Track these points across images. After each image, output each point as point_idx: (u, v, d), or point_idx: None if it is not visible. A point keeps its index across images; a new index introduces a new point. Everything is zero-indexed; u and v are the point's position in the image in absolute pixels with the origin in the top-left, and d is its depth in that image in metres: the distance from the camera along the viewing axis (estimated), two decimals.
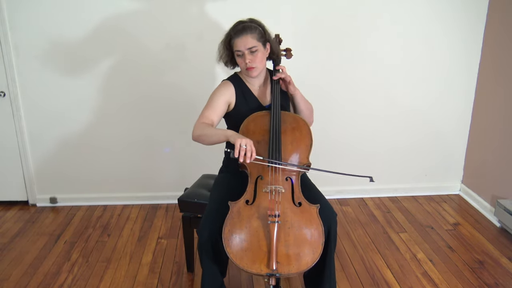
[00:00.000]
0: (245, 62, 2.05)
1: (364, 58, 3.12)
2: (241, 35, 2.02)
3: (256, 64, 2.06)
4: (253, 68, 2.06)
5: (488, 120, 3.15)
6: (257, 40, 2.04)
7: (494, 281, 2.42)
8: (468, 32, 3.13)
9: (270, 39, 2.13)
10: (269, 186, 1.90)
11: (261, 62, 2.09)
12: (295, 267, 1.74)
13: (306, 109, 2.23)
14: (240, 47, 2.03)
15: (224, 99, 2.12)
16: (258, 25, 2.08)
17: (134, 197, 3.33)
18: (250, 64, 2.05)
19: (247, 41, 2.02)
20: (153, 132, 3.18)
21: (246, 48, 2.02)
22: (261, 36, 2.06)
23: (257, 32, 2.05)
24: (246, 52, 2.03)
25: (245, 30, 2.03)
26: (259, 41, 2.05)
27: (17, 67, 2.99)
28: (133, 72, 3.04)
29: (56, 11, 2.87)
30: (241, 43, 2.02)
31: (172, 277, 2.47)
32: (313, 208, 1.87)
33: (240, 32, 2.03)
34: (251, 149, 1.80)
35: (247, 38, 2.02)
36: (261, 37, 2.07)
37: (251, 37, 2.02)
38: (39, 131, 3.14)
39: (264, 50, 2.10)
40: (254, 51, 2.04)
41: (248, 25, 2.06)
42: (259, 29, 2.06)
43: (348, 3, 2.99)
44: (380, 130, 3.30)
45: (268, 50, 2.13)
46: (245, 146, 1.80)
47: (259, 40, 2.05)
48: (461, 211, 3.21)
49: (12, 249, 2.74)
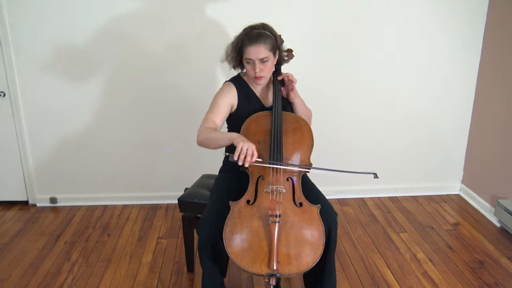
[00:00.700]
0: (254, 71, 2.03)
1: (364, 58, 3.12)
2: (254, 44, 1.98)
3: (265, 74, 2.05)
4: (262, 77, 2.05)
5: (488, 120, 3.15)
6: (269, 50, 2.02)
7: (494, 281, 2.42)
8: (468, 32, 3.13)
9: (280, 46, 2.11)
10: (270, 186, 1.90)
11: (270, 71, 2.08)
12: (295, 267, 1.75)
13: (303, 114, 2.21)
14: (252, 56, 2.00)
15: (227, 101, 2.11)
16: (270, 33, 2.05)
17: (134, 197, 3.32)
18: (259, 74, 2.03)
19: (260, 51, 1.99)
20: (153, 132, 3.18)
21: (258, 58, 2.00)
22: (272, 46, 2.03)
23: (270, 42, 2.02)
24: (257, 62, 2.01)
25: (260, 39, 1.99)
26: (271, 51, 2.03)
27: (17, 67, 2.99)
28: (133, 72, 3.04)
29: (56, 11, 2.87)
30: (254, 52, 1.99)
31: (172, 277, 2.47)
32: (314, 209, 1.87)
33: (255, 40, 1.99)
34: (251, 153, 1.79)
35: (260, 48, 1.98)
36: (273, 47, 2.04)
37: (264, 47, 1.99)
38: (39, 131, 3.13)
39: (274, 59, 2.09)
40: (265, 61, 2.02)
41: (263, 33, 2.01)
42: (271, 38, 2.03)
43: (348, 4, 2.99)
44: (380, 130, 3.30)
45: (277, 57, 2.12)
46: (246, 150, 1.79)
47: (271, 50, 2.03)
48: (461, 211, 3.21)
49: (12, 249, 2.74)
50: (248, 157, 1.79)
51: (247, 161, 1.79)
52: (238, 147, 1.79)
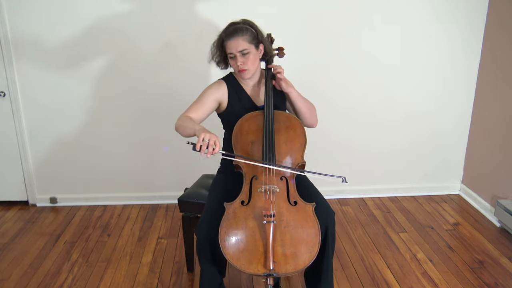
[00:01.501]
0: (237, 64, 2.06)
1: (364, 58, 3.12)
2: (232, 38, 2.03)
3: (248, 67, 2.07)
4: (245, 70, 2.07)
5: (488, 120, 3.15)
6: (249, 43, 2.04)
7: (494, 281, 2.42)
8: (468, 32, 3.13)
9: (263, 40, 2.13)
10: (264, 186, 1.89)
11: (253, 64, 2.09)
12: (292, 266, 1.75)
13: (305, 108, 2.18)
14: (232, 49, 2.04)
15: (213, 97, 2.13)
16: (250, 27, 2.07)
17: (134, 197, 3.33)
18: (242, 67, 2.06)
19: (238, 43, 2.02)
20: (154, 132, 3.18)
21: (238, 50, 2.03)
22: (253, 38, 2.06)
23: (249, 34, 2.05)
24: (237, 54, 2.04)
25: (237, 32, 2.03)
26: (251, 43, 2.05)
27: (17, 67, 2.99)
28: (133, 72, 3.04)
29: (56, 11, 2.88)
30: (233, 45, 2.03)
31: (172, 277, 2.48)
32: (309, 207, 1.87)
33: (232, 34, 2.03)
34: (212, 144, 1.79)
35: (238, 41, 2.02)
36: (253, 39, 2.06)
37: (242, 40, 2.02)
38: (39, 131, 3.14)
39: (257, 51, 2.10)
40: (245, 53, 2.04)
41: (240, 27, 2.05)
42: (251, 31, 2.06)
43: (348, 3, 2.98)
44: (380, 131, 3.30)
45: (262, 51, 2.13)
46: (208, 140, 1.80)
47: (251, 42, 2.05)
48: (461, 211, 3.21)
49: (12, 249, 2.75)
50: (210, 148, 1.79)
51: (209, 152, 1.79)
52: (200, 138, 1.80)
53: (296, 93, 2.17)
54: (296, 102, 2.17)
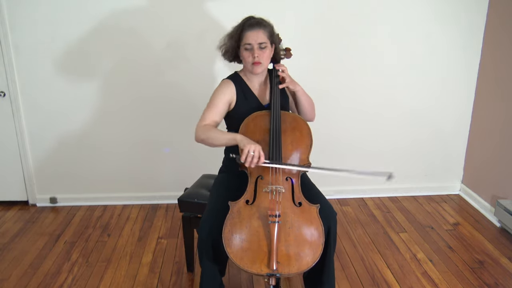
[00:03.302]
0: (253, 56, 2.05)
1: (364, 58, 3.12)
2: (254, 29, 2.04)
3: (263, 60, 2.08)
4: (260, 63, 2.07)
5: (488, 120, 3.15)
6: (268, 38, 2.07)
7: (494, 281, 2.42)
8: (468, 32, 3.13)
9: (276, 41, 2.16)
10: (270, 186, 1.90)
11: (267, 59, 2.11)
12: (295, 267, 1.75)
13: (307, 104, 2.23)
14: (251, 40, 2.04)
15: (225, 98, 2.12)
16: (269, 24, 2.12)
17: (134, 197, 3.32)
18: (258, 59, 2.05)
19: (259, 35, 2.04)
20: (154, 132, 3.18)
21: (257, 42, 2.04)
22: (271, 35, 2.10)
23: (268, 30, 2.09)
24: (256, 46, 2.04)
25: (259, 25, 2.06)
26: (269, 39, 2.08)
27: (17, 67, 2.99)
28: (133, 72, 3.04)
29: (56, 11, 2.87)
30: (253, 36, 2.04)
31: (172, 277, 2.47)
32: (313, 208, 1.87)
33: (254, 25, 2.05)
34: (258, 155, 1.81)
35: (259, 33, 2.04)
36: (271, 36, 2.10)
37: (263, 33, 2.05)
38: (39, 131, 3.14)
39: (271, 49, 2.13)
40: (263, 47, 2.06)
41: (261, 20, 2.09)
42: (270, 27, 2.11)
43: (348, 3, 2.98)
44: (380, 130, 3.30)
45: (273, 51, 2.15)
46: (253, 152, 1.80)
47: (269, 38, 2.09)
48: (461, 211, 3.21)
49: (12, 249, 2.74)
50: (255, 159, 1.80)
51: (253, 163, 1.80)
52: (245, 150, 1.80)
53: (302, 90, 2.20)
54: (301, 98, 2.20)
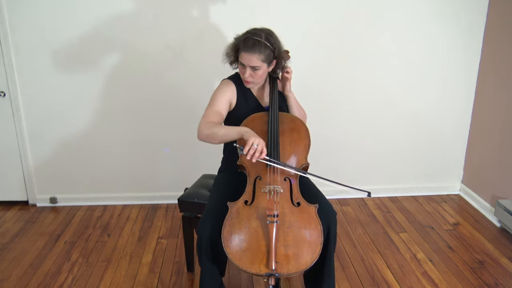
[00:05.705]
0: (244, 75, 2.05)
1: (364, 58, 3.12)
2: (248, 52, 1.99)
3: (254, 80, 2.07)
4: (250, 82, 2.08)
5: (488, 120, 3.15)
6: (262, 61, 2.01)
7: (494, 281, 2.42)
8: (468, 32, 3.13)
9: (278, 56, 2.08)
10: (268, 186, 1.90)
11: (260, 78, 2.08)
12: (294, 267, 1.75)
13: (297, 112, 2.24)
14: (244, 61, 2.02)
15: (226, 97, 2.12)
16: (270, 44, 2.02)
17: (134, 197, 3.33)
18: (248, 79, 2.06)
19: (253, 60, 1.99)
20: (154, 132, 3.18)
21: (249, 65, 2.02)
22: (268, 57, 2.03)
23: (266, 54, 2.01)
24: (248, 67, 2.03)
25: (254, 48, 1.98)
26: (264, 62, 2.02)
27: (17, 67, 2.99)
28: (133, 72, 3.04)
29: (56, 11, 2.87)
30: (246, 59, 2.00)
31: (172, 277, 2.48)
32: (312, 208, 1.87)
33: (250, 48, 1.99)
34: (261, 150, 1.80)
35: (253, 57, 1.99)
36: (268, 58, 2.03)
37: (257, 57, 1.99)
38: (39, 131, 3.14)
39: (268, 68, 2.08)
40: (256, 69, 2.03)
41: (260, 42, 1.99)
42: (269, 50, 2.02)
43: (349, 3, 2.99)
44: (381, 131, 3.30)
45: (273, 65, 2.11)
46: (256, 145, 1.80)
47: (265, 61, 2.02)
48: (461, 211, 3.21)
49: (12, 249, 2.74)
50: (257, 153, 1.79)
51: (255, 157, 1.80)
52: (249, 141, 1.80)
53: (294, 98, 2.22)
54: (292, 107, 2.22)
